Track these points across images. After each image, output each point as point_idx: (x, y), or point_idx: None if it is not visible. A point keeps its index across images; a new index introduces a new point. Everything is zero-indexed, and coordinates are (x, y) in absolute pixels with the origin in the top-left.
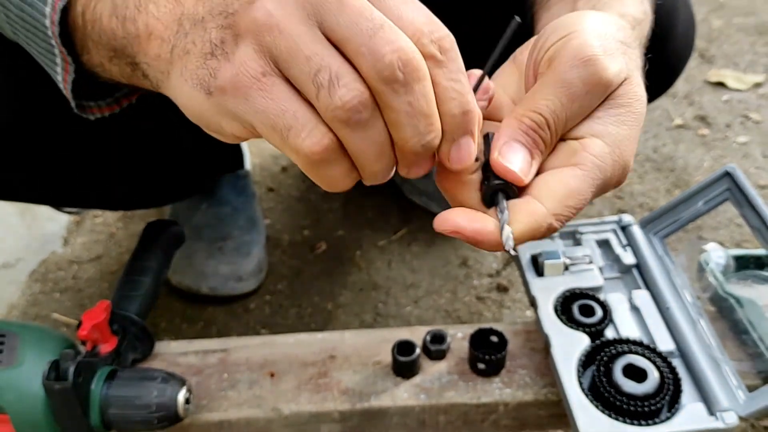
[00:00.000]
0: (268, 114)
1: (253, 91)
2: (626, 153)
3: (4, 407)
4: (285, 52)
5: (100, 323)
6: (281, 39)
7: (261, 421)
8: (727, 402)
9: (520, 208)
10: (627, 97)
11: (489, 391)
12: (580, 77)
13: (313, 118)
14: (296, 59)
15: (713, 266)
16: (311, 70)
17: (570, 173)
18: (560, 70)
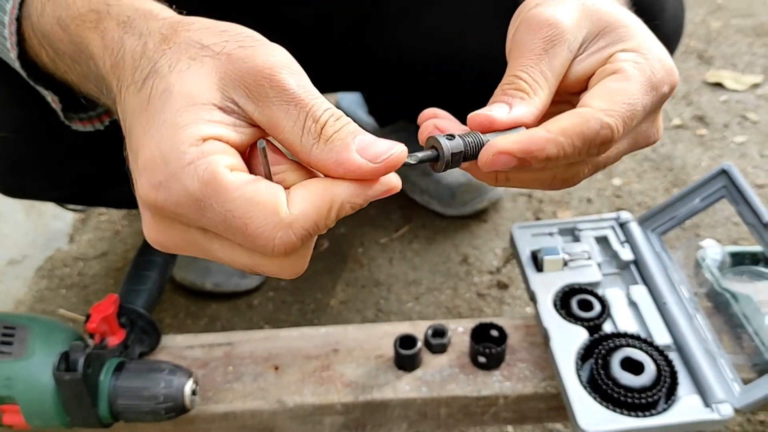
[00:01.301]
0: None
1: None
2: (654, 50)
3: (14, 398)
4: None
5: (109, 316)
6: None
7: (265, 413)
8: (722, 394)
9: (565, 113)
10: (614, 21)
11: (489, 384)
12: (528, 32)
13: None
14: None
15: (709, 262)
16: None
17: (610, 79)
18: (516, 45)
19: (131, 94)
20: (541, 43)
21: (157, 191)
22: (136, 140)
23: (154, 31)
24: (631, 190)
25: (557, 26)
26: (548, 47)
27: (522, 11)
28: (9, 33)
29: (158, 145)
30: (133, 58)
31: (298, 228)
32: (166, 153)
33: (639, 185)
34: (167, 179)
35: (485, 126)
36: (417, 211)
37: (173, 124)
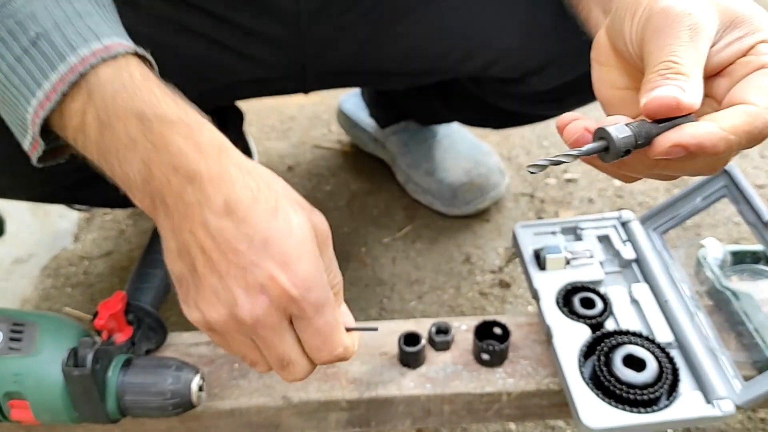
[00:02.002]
0: (222, 346)
1: (209, 333)
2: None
3: (24, 393)
4: (231, 339)
5: (116, 313)
6: (226, 335)
7: (271, 409)
8: (723, 391)
9: (735, 109)
10: (744, 12)
11: (492, 381)
12: (669, 21)
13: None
14: (239, 346)
15: (711, 261)
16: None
17: (762, 73)
18: (654, 32)
19: (264, 218)
20: (687, 30)
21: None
22: (286, 254)
23: (251, 168)
24: (632, 190)
25: (696, 16)
26: (693, 35)
27: (647, 3)
28: (44, 98)
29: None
30: (250, 187)
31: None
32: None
33: (640, 185)
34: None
35: (672, 107)
36: (420, 211)
37: (317, 256)
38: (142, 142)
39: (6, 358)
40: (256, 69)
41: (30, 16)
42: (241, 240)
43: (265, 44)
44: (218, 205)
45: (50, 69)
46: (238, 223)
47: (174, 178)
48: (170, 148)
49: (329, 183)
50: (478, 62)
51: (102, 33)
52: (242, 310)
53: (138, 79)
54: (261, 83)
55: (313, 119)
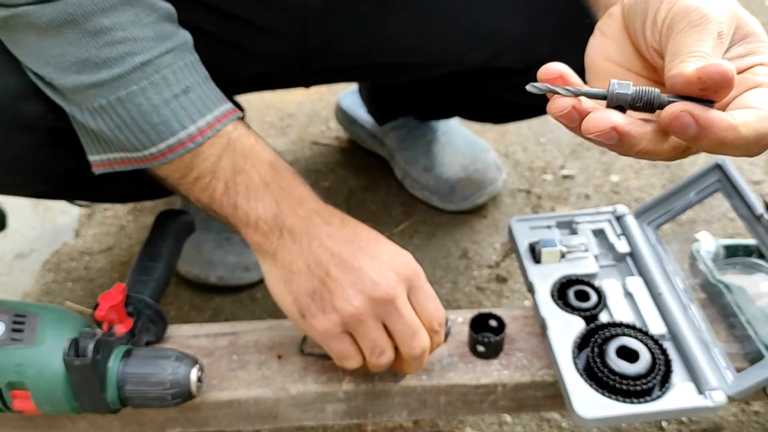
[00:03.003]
0: (335, 350)
1: (333, 339)
2: None
3: (25, 384)
4: (360, 332)
5: (117, 305)
6: (359, 325)
7: (269, 401)
8: (715, 382)
9: (744, 109)
10: (753, 32)
11: (488, 373)
12: (705, 21)
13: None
14: (365, 338)
15: (704, 254)
16: (371, 345)
17: (761, 91)
18: (688, 25)
19: (338, 229)
20: (715, 36)
21: (396, 285)
22: (363, 257)
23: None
24: (628, 186)
25: (720, 23)
26: (718, 43)
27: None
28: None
29: (380, 248)
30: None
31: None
32: (391, 250)
33: (636, 181)
34: (397, 264)
35: (726, 79)
36: (417, 207)
37: (375, 235)
38: (273, 185)
39: (8, 349)
40: (261, 63)
41: (176, 73)
42: (361, 237)
43: (270, 39)
44: (337, 222)
45: (204, 112)
46: (355, 228)
47: (300, 211)
48: (295, 191)
49: (327, 179)
50: (484, 53)
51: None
52: (380, 288)
53: (258, 136)
54: (264, 77)
55: (312, 116)
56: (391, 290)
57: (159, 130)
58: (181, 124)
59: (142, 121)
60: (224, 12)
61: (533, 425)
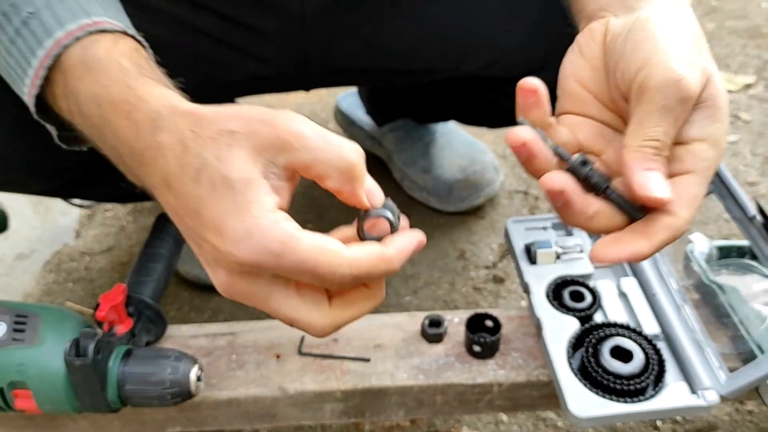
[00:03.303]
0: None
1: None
2: (722, 144)
3: (27, 383)
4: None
5: (117, 305)
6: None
7: (267, 400)
8: (708, 381)
9: (660, 223)
10: (713, 98)
11: (484, 373)
12: (676, 99)
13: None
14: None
15: (697, 255)
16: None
17: (690, 180)
18: (659, 98)
19: (188, 185)
20: (683, 112)
21: (246, 253)
22: (214, 219)
23: (184, 128)
24: None
25: (692, 97)
26: (682, 112)
27: (652, 53)
28: (34, 75)
29: (239, 220)
30: (176, 156)
31: (355, 269)
32: (249, 225)
33: None
34: (253, 244)
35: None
36: (415, 208)
37: (244, 203)
38: (107, 132)
39: (10, 349)
40: (260, 67)
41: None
42: (183, 215)
43: (269, 42)
44: (159, 182)
45: (36, 48)
46: (176, 197)
47: (129, 161)
48: (118, 133)
49: None
50: (479, 61)
51: (77, 14)
52: (218, 287)
53: (101, 57)
54: (264, 81)
55: (311, 117)
56: (228, 293)
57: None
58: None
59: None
60: (225, 15)
61: (529, 424)
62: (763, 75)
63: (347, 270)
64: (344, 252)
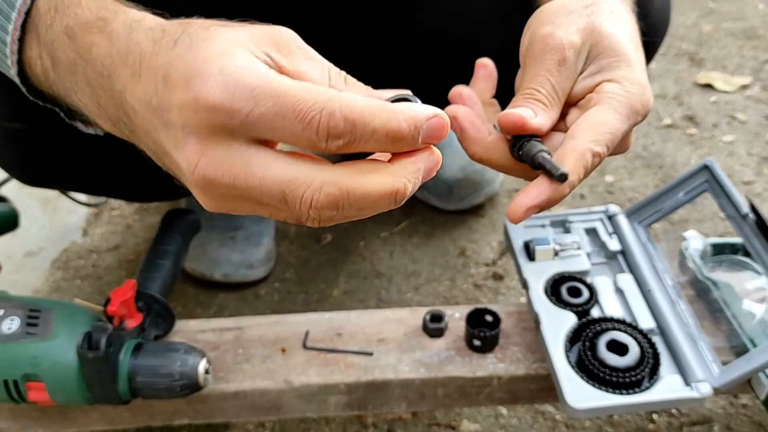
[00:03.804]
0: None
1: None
2: (636, 81)
3: (40, 375)
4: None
5: (128, 300)
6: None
7: (273, 392)
8: (702, 374)
9: (562, 150)
10: (610, 48)
11: (484, 366)
12: (543, 51)
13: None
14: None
15: (692, 252)
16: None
17: (592, 110)
18: (530, 59)
19: (161, 55)
20: (555, 64)
21: (216, 90)
22: (184, 72)
23: (168, 23)
24: (622, 186)
25: (568, 50)
26: (561, 69)
27: (534, 25)
28: (11, 52)
29: (215, 62)
30: (154, 39)
31: (346, 108)
32: (222, 65)
33: (630, 182)
34: (225, 79)
35: (518, 126)
36: (416, 207)
37: (224, 51)
38: (78, 60)
39: (24, 342)
40: None
41: None
42: (149, 96)
43: None
44: (128, 78)
45: (10, 12)
46: (145, 79)
47: (98, 82)
48: (90, 54)
49: None
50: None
51: None
52: (188, 169)
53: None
54: None
55: None
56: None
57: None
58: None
59: None
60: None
61: (528, 417)
62: (759, 76)
63: (336, 106)
64: (334, 90)
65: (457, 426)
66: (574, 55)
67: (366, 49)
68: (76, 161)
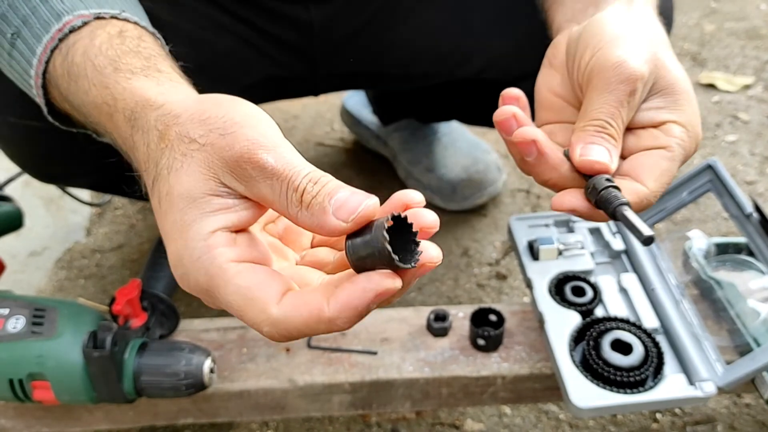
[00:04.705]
0: None
1: None
2: (696, 127)
3: (45, 374)
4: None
5: (133, 299)
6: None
7: (277, 392)
8: (706, 373)
9: (627, 190)
10: (672, 85)
11: (488, 365)
12: (617, 81)
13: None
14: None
15: (696, 252)
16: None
17: (660, 155)
18: (601, 83)
19: (150, 193)
20: (626, 96)
21: (182, 281)
22: (164, 236)
23: (152, 128)
24: None
25: (639, 82)
26: (630, 101)
27: (598, 45)
28: (37, 94)
29: (175, 243)
30: (143, 161)
31: (282, 329)
32: (180, 250)
33: None
34: (185, 273)
35: (599, 171)
36: None
37: (181, 224)
38: (103, 126)
39: (29, 341)
40: (274, 68)
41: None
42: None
43: (281, 47)
44: (149, 185)
45: (28, 68)
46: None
47: (136, 163)
48: (111, 134)
49: None
50: (474, 66)
51: (49, 22)
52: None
53: (78, 62)
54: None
55: (317, 118)
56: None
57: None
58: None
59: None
60: (243, 18)
61: (532, 417)
62: (762, 76)
63: (272, 328)
64: (272, 308)
65: (461, 425)
66: (642, 87)
67: (366, 49)
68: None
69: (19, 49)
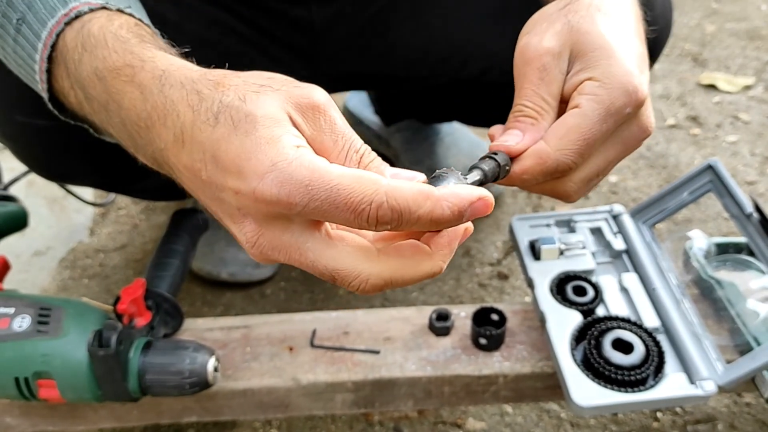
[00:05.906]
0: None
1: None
2: (614, 76)
3: (51, 373)
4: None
5: (137, 298)
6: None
7: (281, 390)
8: (706, 372)
9: (529, 152)
10: (587, 46)
11: (490, 364)
12: (523, 63)
13: None
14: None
15: (696, 251)
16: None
17: (569, 114)
18: (516, 72)
19: (204, 131)
20: (537, 72)
21: (272, 186)
22: (234, 159)
23: (197, 79)
24: (626, 186)
25: (546, 56)
26: (543, 76)
27: (519, 39)
28: (40, 80)
29: (264, 154)
30: (190, 104)
31: (393, 200)
32: (273, 158)
33: (634, 182)
34: (279, 176)
35: (510, 153)
36: None
37: (270, 138)
38: (111, 103)
39: (35, 340)
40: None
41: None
42: (199, 169)
43: (283, 47)
44: (170, 141)
45: (36, 43)
46: (190, 151)
47: (135, 131)
48: (123, 101)
49: None
50: (475, 68)
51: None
52: (246, 244)
53: (95, 34)
54: None
55: None
56: (260, 252)
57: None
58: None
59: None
60: (246, 18)
61: (533, 415)
62: (763, 76)
63: (383, 198)
64: (381, 180)
65: (463, 424)
66: (553, 60)
67: (368, 50)
68: (98, 159)
69: (24, 34)
